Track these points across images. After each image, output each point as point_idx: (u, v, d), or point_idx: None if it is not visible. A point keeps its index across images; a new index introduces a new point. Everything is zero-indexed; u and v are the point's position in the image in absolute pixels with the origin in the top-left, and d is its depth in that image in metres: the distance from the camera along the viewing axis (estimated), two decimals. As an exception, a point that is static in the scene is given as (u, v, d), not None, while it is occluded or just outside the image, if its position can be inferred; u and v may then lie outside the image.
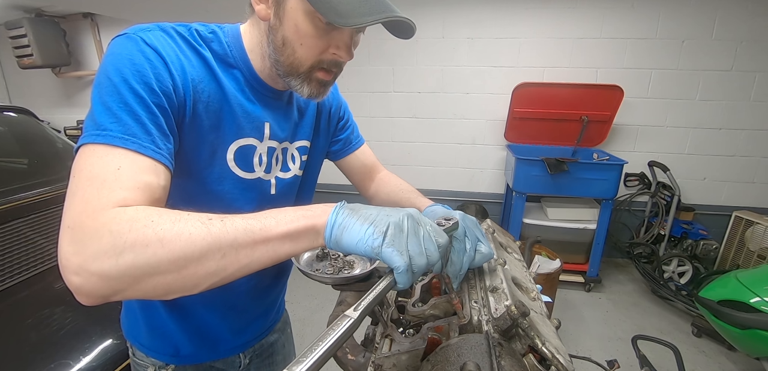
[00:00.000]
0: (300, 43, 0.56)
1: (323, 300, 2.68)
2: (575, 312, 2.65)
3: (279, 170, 0.72)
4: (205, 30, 0.61)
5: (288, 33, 0.56)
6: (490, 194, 3.45)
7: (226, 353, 0.80)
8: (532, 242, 2.27)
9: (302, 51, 0.57)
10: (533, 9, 2.95)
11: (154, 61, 0.51)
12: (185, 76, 0.55)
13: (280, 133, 0.69)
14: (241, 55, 0.63)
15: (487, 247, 0.59)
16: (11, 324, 1.10)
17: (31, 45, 3.53)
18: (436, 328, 0.49)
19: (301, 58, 0.57)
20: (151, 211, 0.42)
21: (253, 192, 0.67)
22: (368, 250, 0.43)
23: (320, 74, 0.60)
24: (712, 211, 3.06)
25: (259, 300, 0.82)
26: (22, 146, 1.97)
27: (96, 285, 0.39)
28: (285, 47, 0.57)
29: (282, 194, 0.73)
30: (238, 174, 0.64)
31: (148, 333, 0.75)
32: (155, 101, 0.50)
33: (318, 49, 0.57)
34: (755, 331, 1.77)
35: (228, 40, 0.63)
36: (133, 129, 0.46)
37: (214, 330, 0.76)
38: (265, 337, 0.88)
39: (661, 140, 3.03)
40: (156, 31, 0.54)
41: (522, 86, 2.88)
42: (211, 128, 0.60)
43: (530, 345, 0.46)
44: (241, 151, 0.64)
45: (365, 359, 0.52)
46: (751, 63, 2.75)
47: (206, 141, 0.60)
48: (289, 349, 0.99)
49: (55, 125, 3.94)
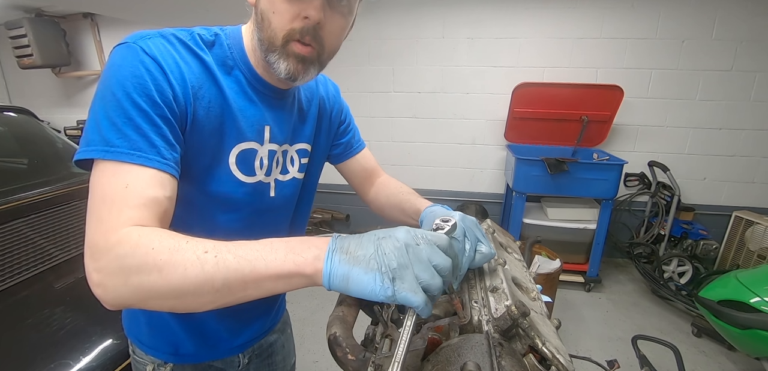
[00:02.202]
0: (272, 12, 0.56)
1: (323, 300, 2.68)
2: (575, 312, 2.65)
3: (278, 172, 0.71)
4: (207, 34, 0.62)
5: (264, 5, 0.56)
6: (490, 194, 3.45)
7: (225, 353, 0.80)
8: (532, 242, 2.26)
9: (275, 20, 0.56)
10: (533, 9, 2.95)
11: (154, 71, 0.52)
12: (185, 83, 0.55)
13: (279, 135, 0.69)
14: (242, 56, 0.63)
15: (487, 247, 0.59)
16: (11, 324, 1.10)
17: (31, 45, 3.53)
18: (437, 328, 0.49)
19: (275, 28, 0.56)
20: (153, 237, 0.44)
21: (253, 195, 0.67)
22: (384, 299, 0.42)
23: (296, 47, 0.57)
24: (712, 211, 3.07)
25: (259, 301, 0.81)
26: (22, 146, 1.97)
27: (113, 299, 0.45)
28: (263, 22, 0.57)
29: (281, 196, 0.73)
30: (240, 178, 0.64)
31: (148, 331, 0.75)
32: (158, 113, 0.51)
33: (289, 15, 0.55)
34: (755, 331, 1.77)
35: (229, 42, 0.63)
36: (138, 143, 0.49)
37: (214, 329, 0.76)
38: (265, 337, 0.88)
39: (661, 140, 3.03)
40: (156, 38, 0.55)
41: (522, 86, 2.88)
42: (213, 132, 0.60)
43: (530, 345, 0.46)
44: (243, 155, 0.64)
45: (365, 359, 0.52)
46: (751, 63, 2.75)
47: (208, 146, 0.60)
48: (289, 349, 0.99)
49: (55, 125, 3.94)
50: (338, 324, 0.60)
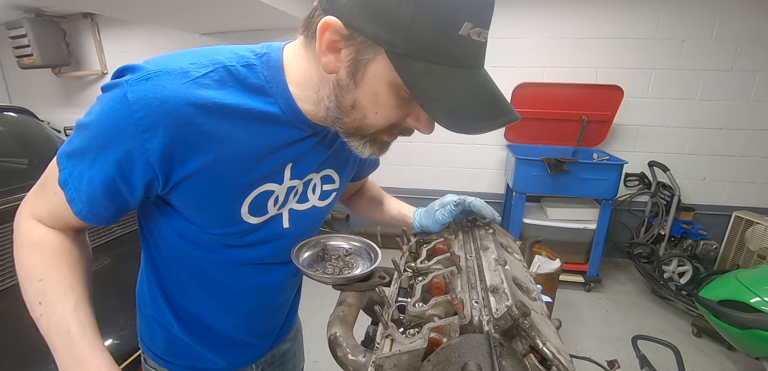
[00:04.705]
0: (375, 112, 0.49)
1: (323, 300, 2.68)
2: (575, 312, 2.65)
3: (295, 202, 0.65)
4: (239, 63, 0.51)
5: (362, 99, 0.48)
6: (490, 194, 3.45)
7: (240, 364, 0.78)
8: (532, 242, 2.27)
9: (376, 119, 0.50)
10: (533, 9, 2.95)
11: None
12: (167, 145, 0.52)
13: (304, 169, 0.62)
14: (282, 90, 0.53)
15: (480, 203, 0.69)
16: (11, 324, 1.10)
17: (31, 45, 3.53)
18: (437, 328, 0.49)
19: (371, 124, 0.50)
20: (36, 249, 0.54)
21: (262, 232, 0.63)
22: None
23: (386, 136, 0.53)
24: (712, 211, 3.06)
25: (277, 317, 0.80)
26: (22, 146, 1.97)
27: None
28: (354, 110, 0.49)
29: (296, 225, 0.67)
30: (250, 222, 0.59)
31: (165, 346, 0.72)
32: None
33: (394, 118, 0.50)
34: (755, 331, 1.77)
35: (267, 74, 0.53)
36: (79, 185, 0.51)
37: (235, 342, 0.74)
38: (278, 346, 0.86)
39: (661, 140, 3.03)
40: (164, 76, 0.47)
41: (522, 86, 2.88)
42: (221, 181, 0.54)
43: (531, 345, 0.46)
44: (258, 199, 0.58)
45: (366, 359, 0.52)
46: (751, 63, 2.75)
47: (214, 196, 0.55)
48: (300, 356, 0.97)
49: (55, 125, 3.94)
50: (338, 324, 0.60)
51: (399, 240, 0.76)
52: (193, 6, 2.50)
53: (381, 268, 0.69)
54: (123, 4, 2.47)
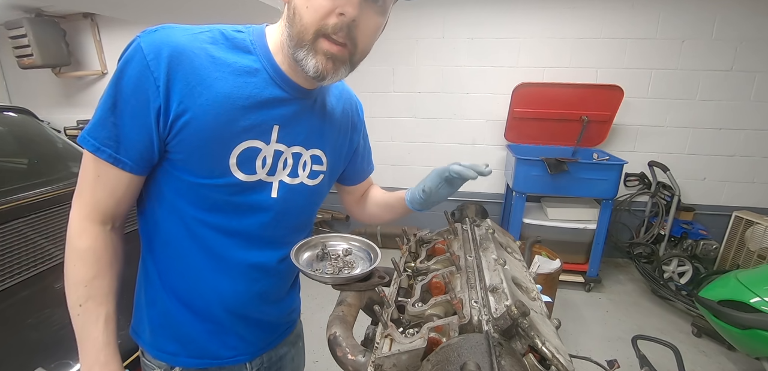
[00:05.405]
0: (306, 7, 0.55)
1: (323, 300, 2.68)
2: (575, 312, 2.65)
3: (286, 174, 0.69)
4: (230, 29, 0.64)
5: (297, 1, 0.56)
6: (490, 194, 3.45)
7: (231, 360, 0.76)
8: (532, 242, 2.27)
9: (308, 15, 0.55)
10: (533, 9, 2.95)
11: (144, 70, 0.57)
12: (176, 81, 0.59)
13: (291, 137, 0.67)
14: (265, 52, 0.64)
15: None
16: (11, 324, 1.10)
17: (31, 45, 3.53)
18: (436, 328, 0.49)
19: (307, 22, 0.55)
20: (84, 258, 0.62)
21: (251, 197, 0.66)
22: None
23: (326, 44, 0.56)
24: (712, 211, 3.07)
25: (269, 308, 0.79)
26: (22, 146, 1.97)
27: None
28: (295, 17, 0.56)
29: (284, 199, 0.69)
30: (239, 177, 0.63)
31: (154, 334, 0.73)
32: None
33: (324, 10, 0.54)
34: (755, 331, 1.77)
35: (253, 38, 0.64)
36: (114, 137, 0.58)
37: (220, 334, 0.74)
38: (275, 348, 0.84)
39: (661, 140, 3.03)
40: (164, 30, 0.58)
41: (522, 86, 2.88)
42: (214, 129, 0.61)
43: (530, 345, 0.46)
44: (245, 153, 0.63)
45: (365, 359, 0.52)
46: (751, 63, 2.75)
47: (207, 143, 0.61)
48: (299, 363, 0.95)
49: (55, 125, 3.94)
50: (338, 324, 0.60)
51: (398, 240, 0.77)
52: (192, 6, 2.50)
53: (380, 268, 0.69)
54: (123, 4, 2.47)
